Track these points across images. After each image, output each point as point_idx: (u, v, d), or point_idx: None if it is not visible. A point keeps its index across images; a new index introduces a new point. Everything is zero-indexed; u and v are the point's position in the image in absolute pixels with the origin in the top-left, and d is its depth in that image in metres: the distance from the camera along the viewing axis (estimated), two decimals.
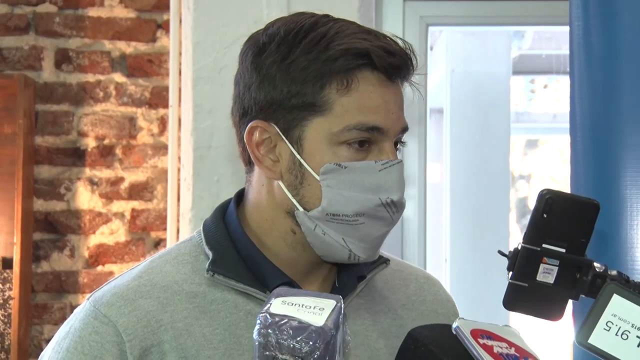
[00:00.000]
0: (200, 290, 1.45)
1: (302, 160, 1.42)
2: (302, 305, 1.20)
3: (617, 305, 1.19)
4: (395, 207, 1.43)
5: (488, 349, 1.26)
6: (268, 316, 1.18)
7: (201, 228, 1.53)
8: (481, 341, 1.27)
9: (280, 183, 1.44)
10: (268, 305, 1.20)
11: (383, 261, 1.57)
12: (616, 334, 1.18)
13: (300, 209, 1.43)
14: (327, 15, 1.48)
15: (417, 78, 1.51)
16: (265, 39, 1.45)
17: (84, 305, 1.47)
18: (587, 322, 1.19)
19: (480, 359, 1.23)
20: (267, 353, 1.16)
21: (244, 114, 1.47)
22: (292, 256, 1.47)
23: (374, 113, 1.41)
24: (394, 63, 1.42)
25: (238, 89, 1.49)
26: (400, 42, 1.45)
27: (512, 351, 1.28)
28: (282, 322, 1.17)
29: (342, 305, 1.22)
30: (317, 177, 1.41)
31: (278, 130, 1.43)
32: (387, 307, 1.55)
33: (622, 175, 2.21)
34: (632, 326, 1.18)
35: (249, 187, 1.51)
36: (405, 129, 1.47)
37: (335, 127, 1.41)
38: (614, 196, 2.20)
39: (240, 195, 1.54)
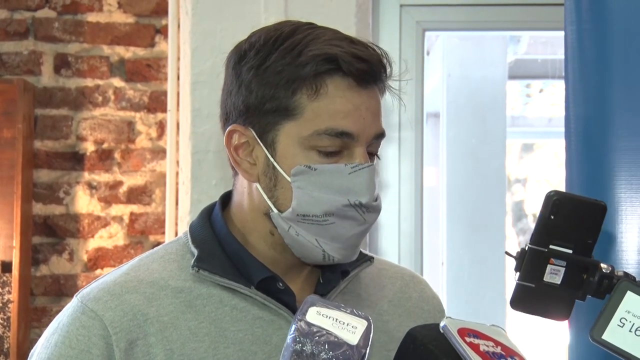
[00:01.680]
0: (186, 285, 1.48)
1: (275, 163, 1.46)
2: (337, 320, 1.23)
3: (631, 301, 1.20)
4: (365, 208, 1.45)
5: (474, 348, 1.27)
6: (305, 326, 1.21)
7: (188, 229, 1.57)
8: (468, 340, 1.28)
9: (257, 185, 1.48)
10: (304, 313, 1.22)
11: (367, 259, 1.60)
12: (630, 330, 1.19)
13: (275, 210, 1.46)
14: (309, 23, 1.50)
15: (408, 82, 1.53)
16: (247, 47, 1.49)
17: (72, 302, 1.50)
18: (601, 319, 1.21)
19: (467, 357, 1.25)
20: None
21: (226, 119, 1.51)
22: (274, 255, 1.51)
23: (344, 118, 1.44)
24: (363, 68, 1.44)
25: (222, 96, 1.53)
26: (376, 49, 1.47)
27: (498, 350, 1.30)
28: (319, 334, 1.20)
29: (372, 326, 1.25)
30: (289, 179, 1.44)
31: (254, 134, 1.47)
32: (373, 303, 1.58)
33: (616, 179, 2.23)
34: None
35: (234, 190, 1.56)
36: (380, 135, 1.49)
37: (306, 132, 1.44)
38: (608, 199, 2.21)
39: (226, 198, 1.58)
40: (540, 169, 9.65)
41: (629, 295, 1.21)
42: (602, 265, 1.29)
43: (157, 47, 3.30)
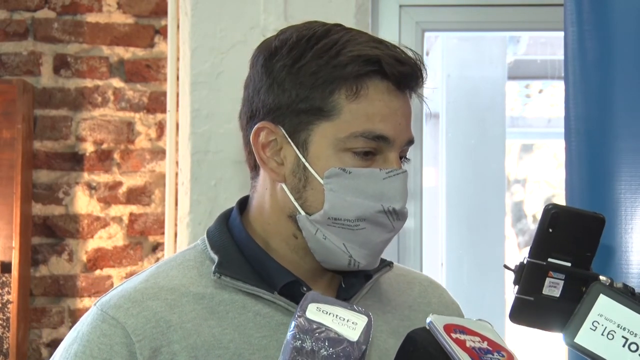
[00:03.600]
0: (208, 292, 1.46)
1: (306, 164, 1.43)
2: (337, 316, 1.22)
3: (604, 305, 1.19)
4: (397, 215, 1.44)
5: (461, 344, 1.26)
6: (305, 322, 1.20)
7: (205, 236, 1.54)
8: (454, 336, 1.27)
9: (284, 186, 1.45)
10: (303, 309, 1.21)
11: (387, 264, 1.58)
12: (602, 334, 1.18)
13: (302, 212, 1.44)
14: (339, 25, 1.48)
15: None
16: (277, 44, 1.46)
17: (91, 310, 1.47)
18: (573, 322, 1.20)
19: (453, 354, 1.25)
20: (300, 358, 1.18)
21: (251, 116, 1.48)
22: (295, 259, 1.48)
23: (381, 121, 1.42)
24: (404, 72, 1.43)
25: (247, 92, 1.50)
26: (410, 53, 1.46)
27: (485, 345, 1.29)
28: (319, 330, 1.19)
29: (372, 322, 1.24)
30: (321, 181, 1.42)
31: (284, 133, 1.44)
32: (394, 307, 1.57)
33: (617, 180, 2.23)
34: (618, 326, 1.18)
35: (253, 192, 1.52)
36: (411, 142, 1.48)
37: (342, 133, 1.42)
38: (608, 200, 2.22)
39: (243, 203, 1.55)
40: (539, 170, 9.65)
41: (602, 299, 1.20)
42: (601, 277, 1.28)
43: (156, 47, 3.30)
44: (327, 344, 1.18)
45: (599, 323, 1.19)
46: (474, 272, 4.73)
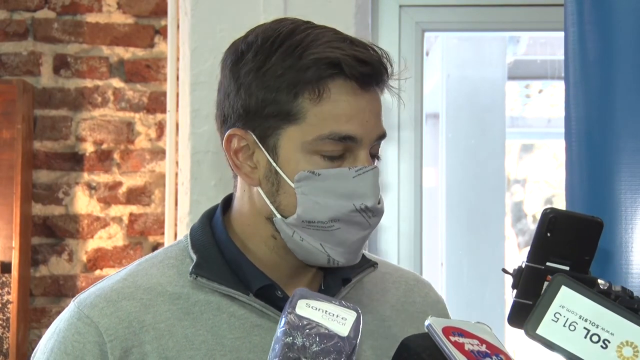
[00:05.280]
0: (184, 292, 1.47)
1: (277, 168, 1.44)
2: (326, 312, 1.23)
3: (565, 296, 1.18)
4: (371, 212, 1.44)
5: (459, 347, 1.26)
6: (295, 318, 1.20)
7: (188, 232, 1.55)
8: (452, 339, 1.27)
9: (259, 189, 1.46)
10: (293, 306, 1.22)
11: (370, 265, 1.58)
12: (564, 325, 1.17)
13: (278, 215, 1.45)
14: (307, 22, 1.48)
15: (407, 83, 1.52)
16: (244, 47, 1.46)
17: (70, 307, 1.49)
18: (535, 313, 1.19)
19: (452, 357, 1.25)
20: (291, 354, 1.18)
21: (223, 121, 1.49)
22: (275, 260, 1.49)
23: (347, 122, 1.42)
24: (366, 72, 1.42)
25: (219, 97, 1.50)
26: (377, 50, 1.45)
27: (484, 348, 1.28)
28: (309, 326, 1.20)
29: (362, 317, 1.25)
30: (292, 185, 1.43)
31: (255, 138, 1.45)
32: (374, 309, 1.57)
33: (617, 180, 2.23)
34: (580, 317, 1.17)
35: (235, 192, 1.54)
36: (382, 136, 1.48)
37: (309, 137, 1.42)
38: (608, 200, 2.22)
39: (228, 201, 1.56)
40: (539, 170, 9.65)
41: (564, 290, 1.19)
42: (600, 281, 1.28)
43: (156, 47, 3.30)
44: (317, 339, 1.19)
45: (560, 314, 1.18)
46: (474, 272, 4.73)
